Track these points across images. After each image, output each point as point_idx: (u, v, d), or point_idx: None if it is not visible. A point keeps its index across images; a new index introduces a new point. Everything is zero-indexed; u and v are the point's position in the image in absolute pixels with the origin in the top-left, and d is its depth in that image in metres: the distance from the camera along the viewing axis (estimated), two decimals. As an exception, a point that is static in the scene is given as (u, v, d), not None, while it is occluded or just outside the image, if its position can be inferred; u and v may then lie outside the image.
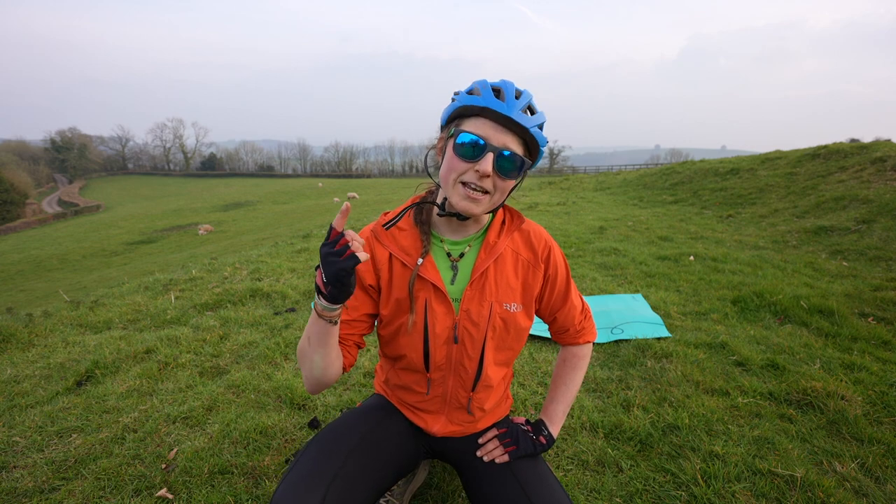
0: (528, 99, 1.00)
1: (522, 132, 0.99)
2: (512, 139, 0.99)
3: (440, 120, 1.09)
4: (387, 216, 1.16)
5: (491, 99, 0.97)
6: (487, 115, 0.98)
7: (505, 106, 0.96)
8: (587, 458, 1.69)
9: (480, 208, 1.02)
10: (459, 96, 1.02)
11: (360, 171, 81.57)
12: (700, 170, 11.25)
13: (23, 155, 75.51)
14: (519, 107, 0.97)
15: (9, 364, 2.62)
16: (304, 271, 4.50)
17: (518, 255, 1.15)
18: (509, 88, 0.99)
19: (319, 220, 14.94)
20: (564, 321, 1.24)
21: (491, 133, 0.98)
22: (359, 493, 1.02)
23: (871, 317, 3.03)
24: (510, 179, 1.02)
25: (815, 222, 6.25)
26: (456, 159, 0.99)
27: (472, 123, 0.99)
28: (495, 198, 1.03)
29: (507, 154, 0.98)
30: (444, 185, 1.04)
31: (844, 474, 1.59)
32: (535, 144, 1.02)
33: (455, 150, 0.99)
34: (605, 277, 4.11)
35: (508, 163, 0.99)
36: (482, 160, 0.97)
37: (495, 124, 0.98)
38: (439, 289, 1.09)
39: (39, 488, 1.57)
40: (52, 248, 20.14)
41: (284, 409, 2.03)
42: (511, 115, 0.96)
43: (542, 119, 1.02)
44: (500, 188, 1.02)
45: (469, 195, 1.00)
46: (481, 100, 0.97)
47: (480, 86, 0.99)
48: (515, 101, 0.97)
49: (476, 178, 0.98)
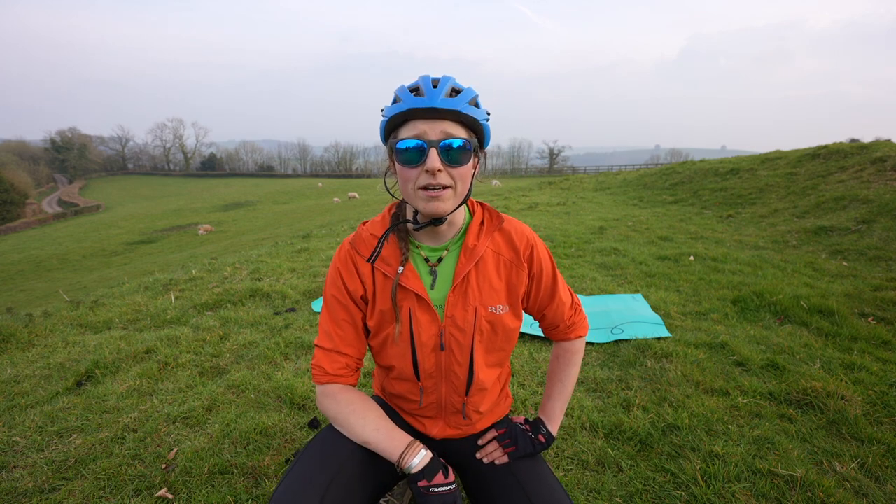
0: (448, 83, 0.97)
1: (455, 115, 0.96)
2: (449, 125, 0.96)
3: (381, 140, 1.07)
4: (365, 226, 1.14)
5: (411, 99, 0.95)
6: (414, 115, 0.96)
7: (426, 99, 0.94)
8: (587, 458, 1.69)
9: (448, 204, 1.00)
10: (385, 109, 1.01)
11: (360, 171, 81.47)
12: (700, 170, 11.26)
13: (23, 155, 75.51)
14: (440, 94, 0.95)
15: (9, 364, 2.62)
16: (304, 271, 4.50)
17: (500, 255, 1.13)
18: (426, 82, 0.97)
19: (319, 219, 14.93)
20: (554, 317, 1.23)
21: (424, 129, 0.96)
22: (357, 496, 1.02)
23: (871, 317, 3.03)
24: (463, 165, 0.99)
25: (815, 222, 6.25)
26: (404, 169, 0.98)
27: (405, 130, 0.98)
28: (458, 189, 1.01)
29: (448, 142, 0.96)
30: (407, 198, 1.03)
31: (844, 474, 1.59)
32: (473, 122, 0.99)
33: (399, 161, 0.98)
34: (605, 277, 4.11)
35: (453, 150, 0.97)
36: (427, 158, 0.95)
37: (425, 120, 0.96)
38: (422, 297, 1.08)
39: (39, 488, 1.57)
40: (52, 248, 20.14)
41: (284, 409, 2.03)
42: (434, 104, 0.94)
43: (470, 95, 0.99)
44: (458, 177, 1.00)
45: (431, 195, 0.98)
46: (403, 104, 0.96)
47: (399, 92, 0.99)
48: (435, 91, 0.95)
49: (430, 178, 0.97)
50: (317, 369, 1.11)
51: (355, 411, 1.07)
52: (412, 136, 0.96)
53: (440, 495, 0.97)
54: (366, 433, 1.05)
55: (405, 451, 1.01)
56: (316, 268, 4.60)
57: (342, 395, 1.10)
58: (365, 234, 1.13)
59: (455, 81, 0.99)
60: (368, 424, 1.05)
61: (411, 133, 0.97)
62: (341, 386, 1.12)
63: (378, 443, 1.04)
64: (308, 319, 3.12)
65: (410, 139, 0.96)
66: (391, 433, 1.05)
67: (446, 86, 0.97)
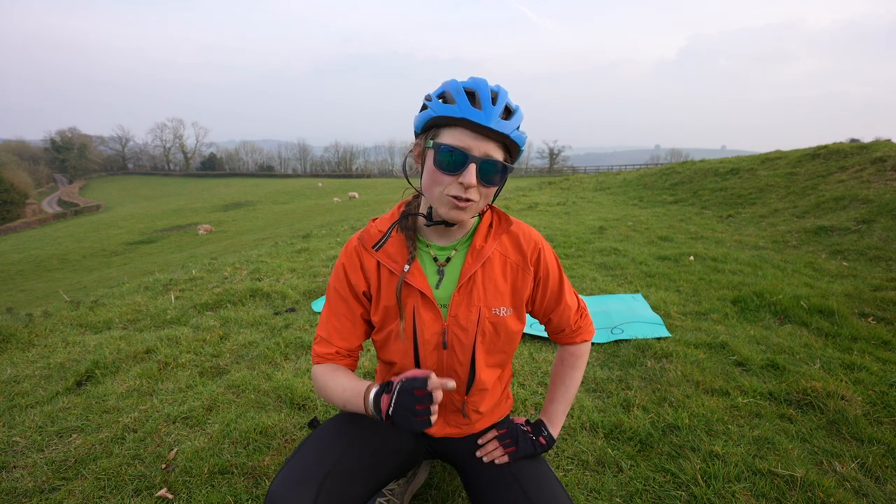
0: (504, 100, 0.97)
1: (503, 138, 0.97)
2: (492, 146, 0.97)
3: (414, 126, 1.06)
4: (374, 223, 1.16)
5: (467, 108, 0.93)
6: (465, 125, 0.94)
7: (483, 115, 0.93)
8: (587, 458, 1.69)
9: (468, 215, 1.03)
10: (432, 103, 0.98)
11: (360, 171, 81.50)
12: (700, 170, 11.25)
13: (23, 155, 75.52)
14: (497, 113, 0.94)
15: (9, 364, 2.62)
16: (304, 271, 4.50)
17: (506, 258, 1.14)
18: (484, 91, 0.95)
19: (319, 220, 14.93)
20: (559, 321, 1.23)
21: (471, 143, 0.95)
22: (354, 490, 1.02)
23: (871, 317, 3.03)
24: (493, 186, 1.01)
25: (815, 222, 6.25)
26: (438, 173, 0.98)
27: (449, 134, 0.96)
28: (480, 203, 1.03)
29: (490, 162, 0.97)
30: (430, 197, 1.03)
31: (844, 474, 1.59)
32: (515, 147, 1.01)
33: (436, 163, 0.97)
34: (605, 277, 4.11)
35: (491, 170, 0.98)
36: (465, 172, 0.95)
37: (475, 134, 0.95)
38: (426, 296, 1.09)
39: (39, 488, 1.57)
40: (52, 248, 20.14)
41: (284, 409, 2.03)
42: (490, 124, 0.93)
43: (520, 119, 0.99)
44: (484, 195, 1.01)
45: (456, 205, 0.99)
46: (457, 109, 0.94)
47: (453, 90, 0.96)
48: (493, 108, 0.94)
49: (461, 190, 0.97)
50: (312, 352, 1.19)
51: (330, 380, 1.11)
52: (457, 146, 0.95)
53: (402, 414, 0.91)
54: (339, 398, 1.08)
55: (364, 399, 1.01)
56: (316, 268, 4.60)
57: (322, 371, 1.15)
58: (374, 231, 1.15)
59: (508, 97, 0.99)
60: (338, 390, 1.08)
61: (456, 141, 0.95)
62: (325, 365, 1.16)
63: (350, 402, 1.05)
64: (308, 319, 3.12)
65: (455, 147, 0.95)
66: (355, 388, 1.06)
67: (502, 104, 0.96)
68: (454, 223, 1.07)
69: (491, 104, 0.94)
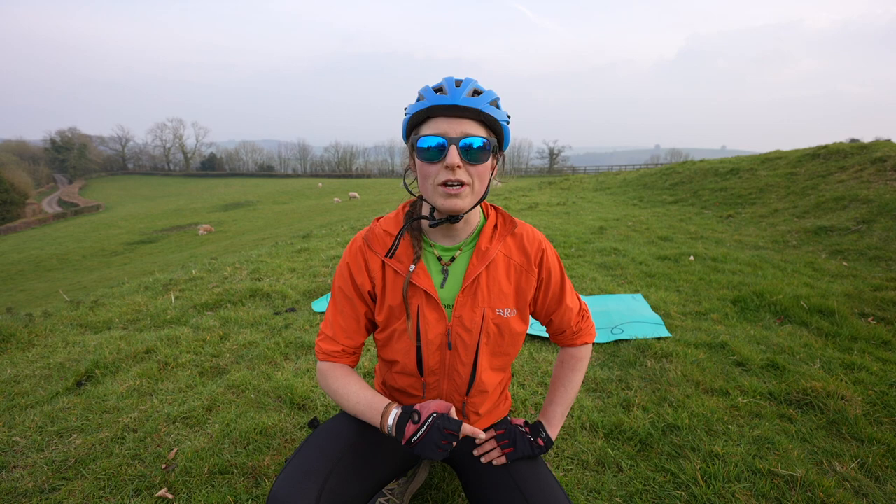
0: (470, 84, 1.00)
1: (477, 115, 0.99)
2: (469, 124, 0.99)
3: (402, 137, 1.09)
4: (379, 222, 1.16)
5: (433, 97, 0.98)
6: (436, 112, 0.98)
7: (448, 97, 0.97)
8: (587, 458, 1.69)
9: (466, 201, 1.03)
10: (409, 107, 1.03)
11: (360, 171, 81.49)
12: (700, 170, 11.25)
13: (23, 155, 75.51)
14: (463, 93, 0.98)
15: (9, 364, 2.62)
16: (304, 271, 4.50)
17: (510, 259, 1.15)
18: (449, 82, 1.00)
19: (319, 220, 14.93)
20: (561, 323, 1.24)
21: (446, 127, 0.98)
22: (354, 489, 1.03)
23: (871, 317, 3.03)
24: (481, 163, 1.01)
25: (815, 222, 6.25)
26: (425, 165, 1.01)
27: (426, 127, 1.00)
28: (476, 187, 1.03)
29: (468, 140, 0.98)
30: (425, 194, 1.05)
31: (844, 474, 1.59)
32: (493, 122, 1.01)
33: (420, 157, 1.01)
34: (605, 277, 4.11)
35: (473, 148, 0.99)
36: (447, 155, 0.98)
37: (447, 118, 0.99)
38: (431, 296, 1.09)
39: (39, 488, 1.57)
40: (52, 248, 20.14)
41: (284, 409, 2.03)
42: (456, 102, 0.96)
43: (491, 96, 1.01)
44: (476, 175, 1.02)
45: (449, 192, 1.00)
46: (426, 102, 0.99)
47: (423, 91, 1.01)
48: (458, 90, 0.98)
49: (449, 174, 0.99)
50: (317, 347, 1.20)
51: (342, 385, 1.13)
52: (433, 134, 0.98)
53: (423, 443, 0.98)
54: (350, 404, 1.10)
55: (383, 417, 1.05)
56: (316, 268, 4.60)
57: (332, 371, 1.17)
58: (378, 231, 1.15)
59: (478, 83, 1.02)
60: (352, 397, 1.11)
61: (432, 130, 0.99)
62: (333, 364, 1.18)
63: (363, 414, 1.09)
64: (308, 319, 3.12)
65: (431, 136, 0.98)
66: (371, 402, 1.09)
67: (469, 86, 0.99)
68: (456, 215, 1.06)
69: (455, 87, 0.99)
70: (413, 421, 1.01)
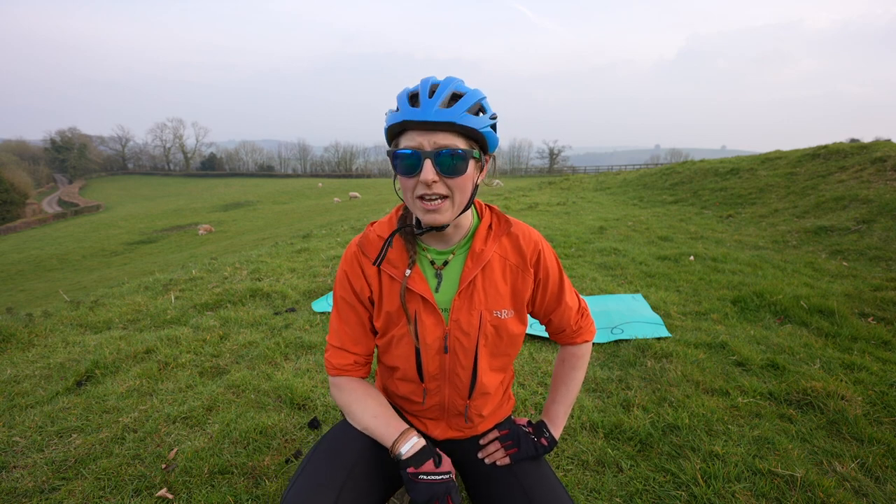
0: (447, 89, 0.94)
1: (449, 126, 0.93)
2: (444, 136, 0.94)
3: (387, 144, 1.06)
4: (373, 227, 1.15)
5: (407, 109, 0.93)
6: (410, 126, 0.94)
7: (420, 111, 0.92)
8: (587, 458, 1.69)
9: (446, 216, 0.99)
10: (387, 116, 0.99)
11: (360, 171, 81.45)
12: (700, 170, 11.25)
13: (23, 155, 75.53)
14: (436, 104, 0.92)
15: (9, 364, 2.62)
16: (304, 271, 4.50)
17: (506, 260, 1.13)
18: (424, 88, 0.94)
19: (319, 220, 14.93)
20: (560, 322, 1.23)
21: (420, 140, 0.94)
22: (370, 497, 1.03)
23: (871, 317, 3.03)
24: (459, 175, 0.96)
25: (815, 222, 6.25)
26: (402, 179, 0.98)
27: (403, 139, 0.96)
28: (457, 199, 0.99)
29: (443, 153, 0.94)
30: (408, 205, 1.03)
31: (844, 474, 1.59)
32: (471, 131, 0.95)
33: (397, 170, 0.98)
34: (605, 277, 4.11)
35: (448, 161, 0.94)
36: (422, 170, 0.94)
37: (422, 131, 0.94)
38: (427, 300, 1.08)
39: (39, 488, 1.57)
40: (52, 248, 20.14)
41: (284, 409, 2.03)
42: (428, 118, 0.91)
43: (471, 101, 0.95)
44: (455, 187, 0.98)
45: (427, 207, 0.97)
46: (399, 114, 0.94)
47: (399, 98, 0.97)
48: (430, 101, 0.92)
49: (424, 188, 0.96)
50: (327, 363, 1.17)
51: (357, 399, 1.12)
52: (408, 147, 0.95)
53: (428, 484, 0.97)
54: (365, 420, 1.08)
55: (398, 439, 1.03)
56: (316, 268, 4.60)
57: (347, 385, 1.15)
58: (372, 236, 1.13)
59: (458, 84, 0.96)
60: (368, 411, 1.09)
61: (408, 143, 0.95)
62: (348, 378, 1.16)
63: (375, 429, 1.07)
64: (308, 319, 3.12)
65: (406, 149, 0.95)
66: (388, 420, 1.08)
67: (444, 93, 0.93)
68: (439, 227, 1.04)
69: (428, 98, 0.93)
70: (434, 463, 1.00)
